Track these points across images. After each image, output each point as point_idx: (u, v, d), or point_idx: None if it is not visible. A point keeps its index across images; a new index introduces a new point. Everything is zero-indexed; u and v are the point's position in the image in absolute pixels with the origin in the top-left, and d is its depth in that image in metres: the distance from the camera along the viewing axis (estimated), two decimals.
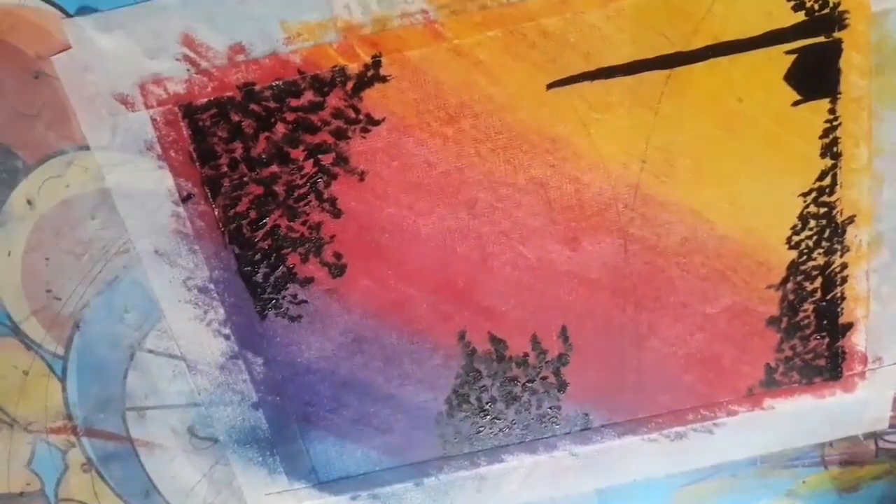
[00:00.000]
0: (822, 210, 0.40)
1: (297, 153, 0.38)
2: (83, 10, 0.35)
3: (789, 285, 0.41)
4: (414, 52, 0.36)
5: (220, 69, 0.36)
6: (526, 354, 0.43)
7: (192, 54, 0.36)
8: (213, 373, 0.42)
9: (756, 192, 0.39)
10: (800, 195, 0.39)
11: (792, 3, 0.35)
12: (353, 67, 0.36)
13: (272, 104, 0.37)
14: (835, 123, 0.38)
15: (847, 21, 0.36)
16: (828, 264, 0.41)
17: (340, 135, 0.38)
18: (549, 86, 0.37)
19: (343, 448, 0.45)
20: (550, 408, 0.44)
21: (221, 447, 0.44)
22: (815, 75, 0.37)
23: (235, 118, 0.37)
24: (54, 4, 0.35)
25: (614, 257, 0.41)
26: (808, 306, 0.42)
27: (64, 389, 0.43)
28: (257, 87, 0.37)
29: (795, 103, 0.37)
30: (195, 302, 0.41)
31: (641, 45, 0.36)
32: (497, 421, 0.44)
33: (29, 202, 0.39)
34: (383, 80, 0.37)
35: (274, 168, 0.38)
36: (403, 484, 0.46)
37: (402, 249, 0.40)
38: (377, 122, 0.37)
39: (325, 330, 0.42)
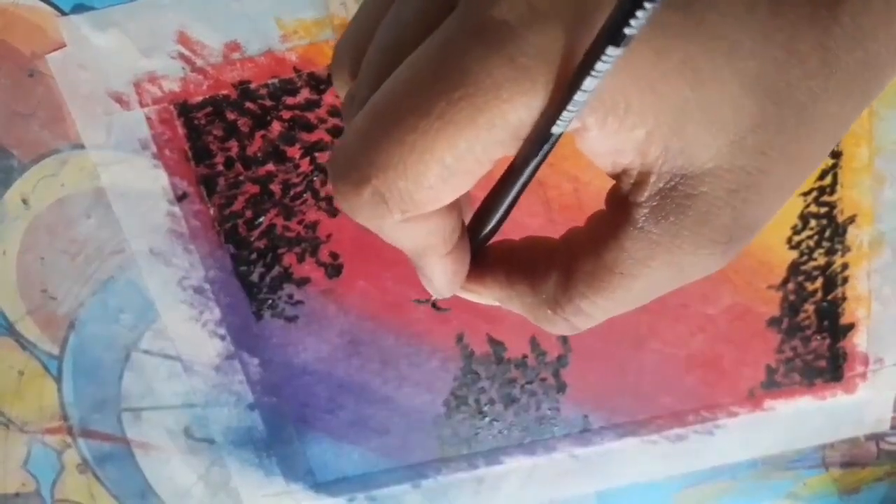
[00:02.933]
0: (823, 210, 0.39)
1: (294, 151, 0.38)
2: (78, 9, 0.35)
3: (790, 285, 0.41)
4: None
5: (215, 67, 0.36)
6: (525, 356, 0.42)
7: (187, 52, 0.36)
8: (208, 373, 0.42)
9: None
10: (800, 194, 0.39)
11: None
12: None
13: (268, 102, 0.37)
14: None
15: None
16: (829, 264, 0.41)
17: (337, 133, 0.37)
18: None
19: (340, 449, 0.44)
20: (549, 409, 0.44)
21: (218, 448, 0.44)
22: None
23: (231, 116, 0.37)
24: (49, 3, 0.35)
25: None
26: (809, 307, 0.42)
27: (59, 390, 0.43)
28: (253, 85, 0.36)
29: None
30: (190, 302, 0.41)
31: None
32: (496, 423, 0.44)
33: (24, 201, 0.39)
34: None
35: (270, 167, 0.38)
36: (401, 486, 0.46)
37: (398, 249, 0.40)
38: None
39: (321, 331, 0.41)
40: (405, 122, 0.15)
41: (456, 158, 0.15)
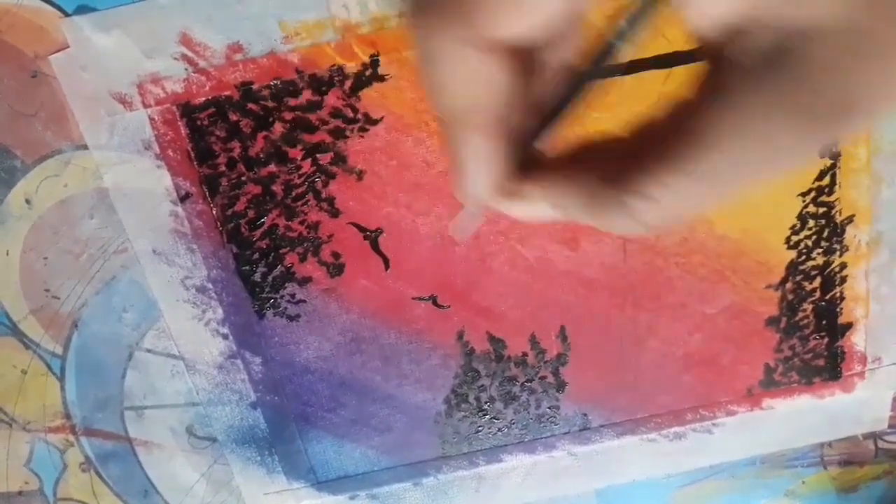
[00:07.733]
0: (822, 210, 0.40)
1: (295, 152, 0.38)
2: (81, 10, 0.35)
3: (788, 285, 0.41)
4: (412, 52, 0.36)
5: (218, 68, 0.36)
6: (525, 354, 0.43)
7: (190, 53, 0.36)
8: (211, 372, 0.42)
9: (755, 191, 0.39)
10: (799, 195, 0.39)
11: None
12: (352, 66, 0.36)
13: (270, 103, 0.37)
14: None
15: None
16: (827, 264, 0.41)
17: (338, 134, 0.38)
18: None
19: (341, 448, 0.45)
20: (549, 408, 0.44)
21: (220, 447, 0.44)
22: None
23: (233, 117, 0.37)
24: (52, 4, 0.35)
25: (613, 257, 0.40)
26: (808, 306, 0.42)
27: (62, 389, 0.43)
28: (255, 87, 0.37)
29: None
30: (193, 301, 0.41)
31: (640, 45, 0.36)
32: (496, 421, 0.44)
33: (27, 201, 0.39)
34: (381, 79, 0.37)
35: (272, 167, 0.38)
36: (402, 484, 0.46)
37: (400, 249, 0.40)
38: (375, 122, 0.37)
39: (323, 329, 0.42)
40: None
41: None
